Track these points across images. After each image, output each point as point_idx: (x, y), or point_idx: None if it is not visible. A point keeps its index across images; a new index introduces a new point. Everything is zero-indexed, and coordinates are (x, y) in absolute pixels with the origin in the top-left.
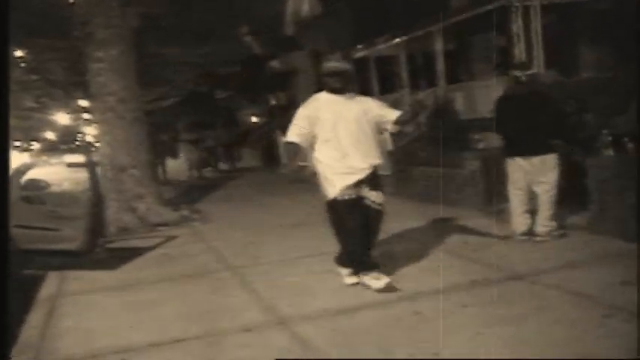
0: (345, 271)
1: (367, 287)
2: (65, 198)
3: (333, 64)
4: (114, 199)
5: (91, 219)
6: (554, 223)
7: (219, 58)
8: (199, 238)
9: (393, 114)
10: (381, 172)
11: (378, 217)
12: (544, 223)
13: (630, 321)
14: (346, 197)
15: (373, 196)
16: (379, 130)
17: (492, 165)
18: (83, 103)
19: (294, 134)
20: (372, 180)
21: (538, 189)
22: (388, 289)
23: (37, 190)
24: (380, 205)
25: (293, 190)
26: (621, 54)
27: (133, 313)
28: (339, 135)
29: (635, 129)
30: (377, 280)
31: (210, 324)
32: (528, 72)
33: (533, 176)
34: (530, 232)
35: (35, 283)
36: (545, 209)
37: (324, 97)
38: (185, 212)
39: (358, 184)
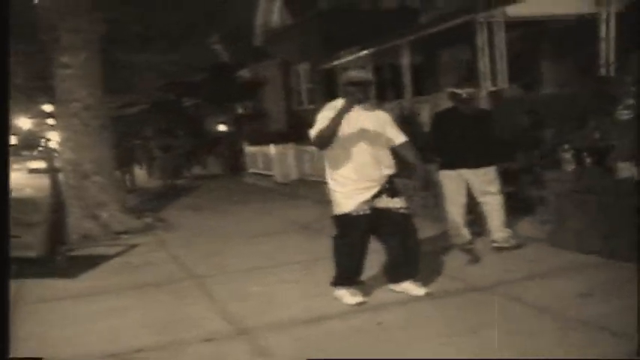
0: (345, 291)
1: (407, 293)
2: (26, 204)
3: (355, 73)
4: (76, 206)
5: (51, 226)
6: (509, 230)
7: (187, 65)
8: (163, 246)
9: (399, 138)
10: None
11: (408, 220)
12: (500, 230)
13: (587, 332)
14: (361, 213)
15: (396, 203)
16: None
17: None
18: (47, 108)
19: (317, 129)
20: (390, 188)
21: (485, 199)
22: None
23: None
24: (406, 208)
25: (258, 199)
26: (580, 71)
27: (92, 323)
28: (358, 145)
29: (593, 144)
30: (418, 288)
31: (171, 334)
32: (469, 89)
33: (480, 187)
34: (470, 243)
35: None
36: (496, 217)
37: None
38: (149, 220)
39: (377, 195)
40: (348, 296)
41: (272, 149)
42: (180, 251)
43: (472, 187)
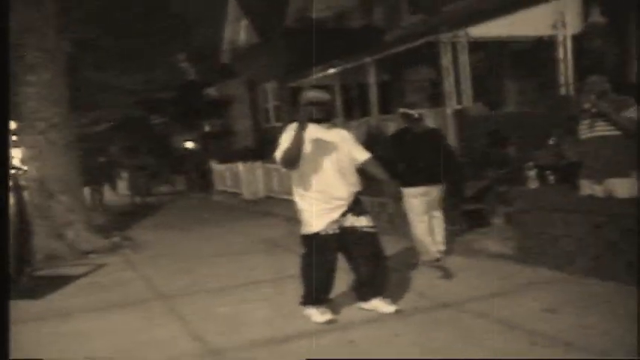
0: (315, 310)
1: (377, 311)
2: None
3: (313, 93)
4: (42, 226)
5: (16, 246)
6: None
7: (154, 83)
8: (130, 266)
9: (362, 156)
10: None
11: (374, 239)
12: (441, 245)
13: (554, 347)
14: (330, 232)
15: (362, 221)
16: None
17: None
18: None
19: (281, 149)
20: (356, 207)
21: (435, 214)
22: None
23: None
24: (372, 227)
25: (227, 217)
26: (541, 91)
27: (57, 345)
28: (322, 164)
29: (555, 162)
30: (388, 306)
31: (138, 355)
32: (418, 110)
33: (432, 203)
34: (438, 260)
35: None
36: (440, 233)
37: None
38: (116, 239)
39: (344, 214)
40: (317, 314)
41: (240, 167)
42: (148, 271)
43: (427, 202)
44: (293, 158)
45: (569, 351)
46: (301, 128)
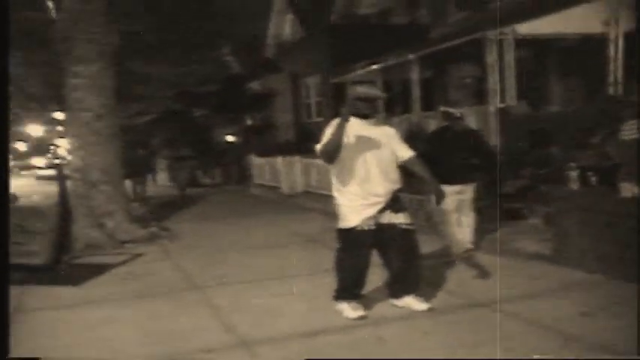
0: (347, 305)
1: (409, 308)
2: (32, 212)
3: (364, 89)
4: (82, 215)
5: (57, 234)
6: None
7: (198, 77)
8: (166, 256)
9: (407, 153)
10: None
11: (410, 236)
12: (469, 244)
13: (588, 350)
14: (366, 228)
15: (400, 218)
16: None
17: None
18: (58, 116)
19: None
20: (395, 204)
21: (467, 213)
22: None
23: None
24: (409, 224)
25: (264, 211)
26: (588, 90)
27: (92, 331)
28: (363, 159)
29: (598, 163)
30: (420, 303)
31: (170, 344)
32: (459, 109)
33: (465, 202)
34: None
35: None
36: (469, 232)
37: (350, 120)
38: (154, 229)
39: (382, 211)
40: (349, 310)
41: (279, 161)
42: (183, 261)
43: (460, 201)
44: (332, 151)
45: (601, 354)
46: (342, 123)
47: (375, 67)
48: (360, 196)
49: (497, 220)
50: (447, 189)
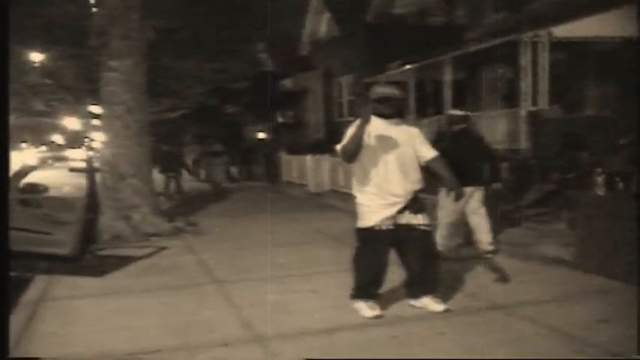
0: (363, 304)
1: (426, 309)
2: (62, 203)
3: (383, 89)
4: (110, 207)
5: (84, 225)
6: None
7: (231, 73)
8: (190, 250)
9: (430, 153)
10: None
11: (429, 237)
12: (487, 245)
13: (600, 356)
14: (384, 227)
15: (419, 219)
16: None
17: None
18: (93, 109)
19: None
20: (414, 205)
21: (477, 211)
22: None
23: (34, 193)
24: (427, 225)
25: (290, 208)
26: (622, 93)
27: (113, 321)
28: (384, 159)
29: (626, 168)
30: (437, 304)
31: (188, 336)
32: (466, 112)
33: (473, 203)
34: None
35: (21, 285)
36: (485, 230)
37: (372, 120)
38: (180, 224)
39: (401, 211)
40: (365, 309)
41: (308, 159)
42: (206, 255)
43: (469, 203)
44: (352, 151)
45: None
46: (363, 123)
47: (408, 67)
48: (379, 195)
49: (521, 224)
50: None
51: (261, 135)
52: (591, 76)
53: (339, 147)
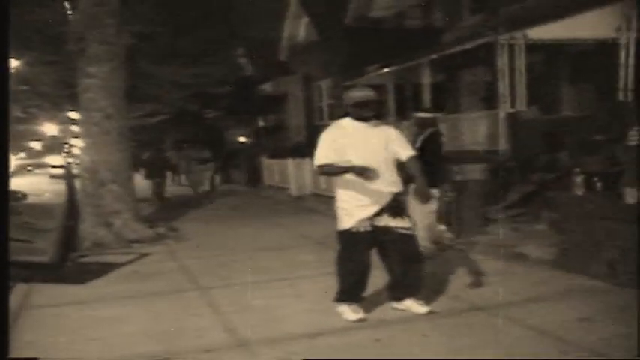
0: (346, 307)
1: (409, 311)
2: (42, 210)
3: (358, 93)
4: (91, 214)
5: (64, 232)
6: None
7: (211, 78)
8: (172, 256)
9: (405, 154)
10: None
11: (410, 240)
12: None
13: (584, 356)
14: (362, 229)
15: (398, 222)
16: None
17: (467, 194)
18: (72, 115)
19: (322, 157)
20: (395, 207)
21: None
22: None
23: (13, 201)
24: (408, 229)
25: (272, 212)
26: (599, 95)
27: (95, 329)
28: (363, 162)
29: (604, 168)
30: (420, 306)
31: (171, 342)
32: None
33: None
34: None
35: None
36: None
37: (348, 123)
38: (161, 230)
39: (379, 213)
40: (348, 312)
41: (289, 163)
42: (189, 262)
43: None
44: (329, 175)
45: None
46: (348, 170)
47: (387, 70)
48: (357, 198)
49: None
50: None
51: (242, 139)
52: (567, 77)
53: (316, 162)
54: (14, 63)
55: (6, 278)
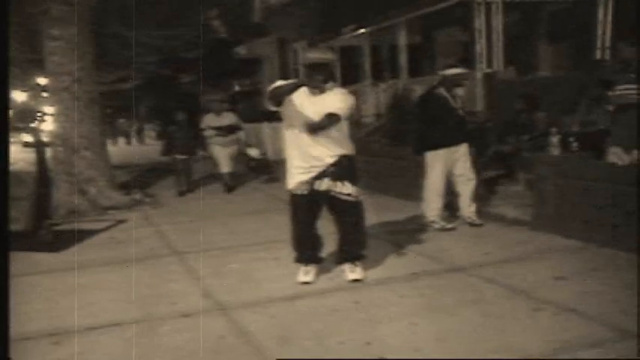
0: (302, 268)
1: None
2: (14, 178)
3: (314, 54)
4: (65, 181)
5: (37, 200)
6: (474, 208)
7: (183, 41)
8: (149, 222)
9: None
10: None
11: (351, 207)
12: (471, 206)
13: (559, 314)
14: (299, 192)
15: (340, 187)
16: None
17: None
18: (41, 81)
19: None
20: (339, 171)
21: (460, 173)
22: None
23: None
24: (349, 195)
25: (247, 178)
26: (576, 54)
27: (73, 296)
28: (304, 123)
29: (581, 128)
30: (353, 273)
31: (149, 308)
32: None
33: (459, 164)
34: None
35: None
36: (466, 196)
37: (302, 92)
38: (137, 196)
39: (319, 176)
40: (300, 274)
41: (264, 126)
42: (165, 227)
43: (453, 165)
44: (276, 97)
45: (572, 318)
46: (294, 86)
47: (362, 31)
48: (298, 159)
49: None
50: (442, 152)
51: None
52: (545, 37)
53: (268, 89)
54: None
55: (6, 278)
